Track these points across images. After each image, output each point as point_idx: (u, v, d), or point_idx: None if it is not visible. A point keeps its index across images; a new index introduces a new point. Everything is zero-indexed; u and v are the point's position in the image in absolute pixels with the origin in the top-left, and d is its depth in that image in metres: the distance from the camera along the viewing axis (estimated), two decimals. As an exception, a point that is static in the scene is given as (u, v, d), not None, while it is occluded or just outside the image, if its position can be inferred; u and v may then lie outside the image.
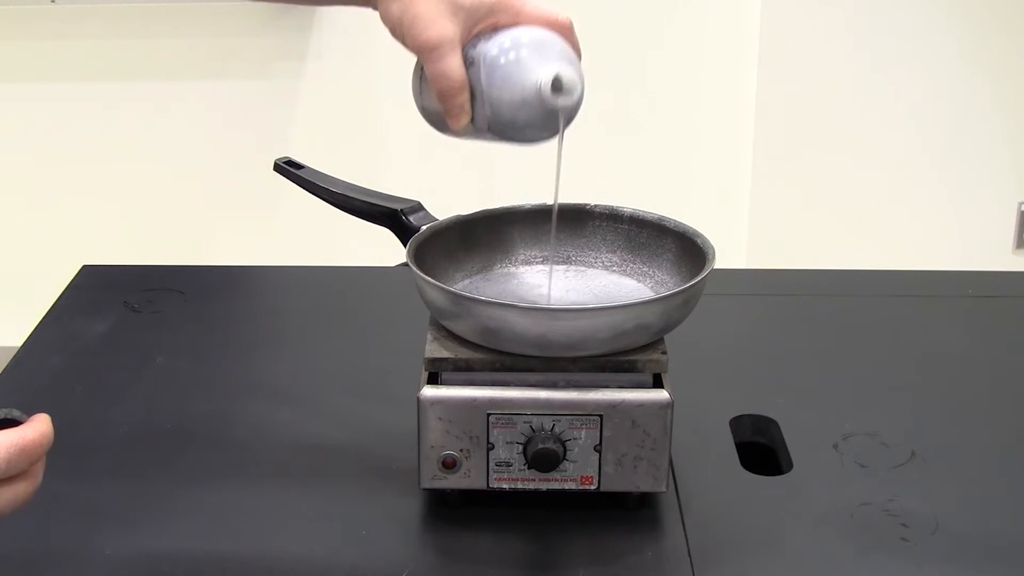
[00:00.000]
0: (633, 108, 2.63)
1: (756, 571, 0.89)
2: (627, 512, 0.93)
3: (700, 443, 1.02)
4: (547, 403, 0.89)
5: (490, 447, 0.90)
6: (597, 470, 0.90)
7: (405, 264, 0.94)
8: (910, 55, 2.54)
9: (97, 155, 2.70)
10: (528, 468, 0.90)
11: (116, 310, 1.28)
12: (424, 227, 1.00)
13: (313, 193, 1.11)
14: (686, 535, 0.91)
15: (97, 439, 1.05)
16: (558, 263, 1.04)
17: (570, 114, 0.87)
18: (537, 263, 1.04)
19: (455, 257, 1.02)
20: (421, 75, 0.90)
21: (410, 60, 0.89)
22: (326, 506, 0.95)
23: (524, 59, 0.85)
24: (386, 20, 0.88)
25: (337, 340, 1.24)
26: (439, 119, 0.90)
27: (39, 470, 0.72)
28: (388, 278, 1.36)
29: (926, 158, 2.61)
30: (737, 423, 1.06)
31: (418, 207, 1.04)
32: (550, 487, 0.91)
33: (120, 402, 1.12)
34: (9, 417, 0.71)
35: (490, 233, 1.04)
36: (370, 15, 0.90)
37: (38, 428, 0.71)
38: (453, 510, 0.94)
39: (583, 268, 1.04)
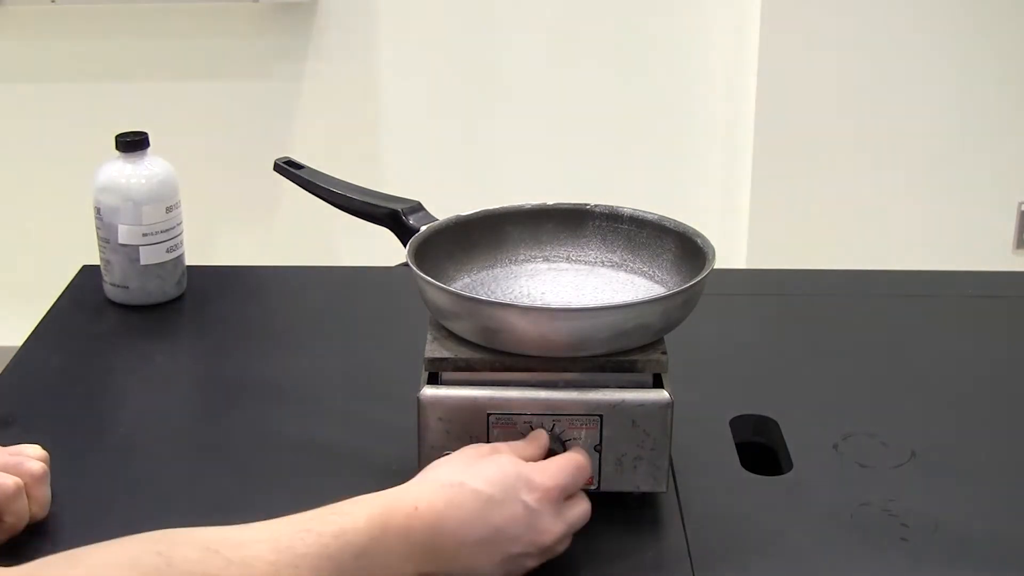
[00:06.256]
0: (633, 108, 2.63)
1: (756, 571, 0.89)
2: (627, 512, 0.93)
3: (700, 443, 1.02)
4: (547, 403, 0.89)
5: (490, 447, 0.90)
6: (597, 470, 0.90)
7: (405, 264, 0.94)
8: (910, 55, 2.54)
9: (97, 155, 2.70)
10: (528, 468, 0.90)
11: (116, 310, 1.28)
12: (424, 227, 1.00)
13: (313, 193, 1.11)
14: (686, 535, 0.91)
15: (97, 439, 1.05)
16: (559, 263, 1.04)
17: None
18: (537, 263, 1.04)
19: (455, 257, 1.01)
20: None
21: (409, 59, 0.89)
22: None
23: None
24: None
25: (337, 340, 1.24)
26: None
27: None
28: (388, 278, 1.36)
29: (926, 158, 2.61)
30: (737, 423, 1.06)
31: (418, 207, 1.04)
32: (550, 487, 0.91)
33: (120, 402, 1.12)
34: None
35: (490, 233, 1.04)
36: (369, 15, 0.90)
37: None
38: (453, 510, 0.94)
39: (583, 268, 1.04)
